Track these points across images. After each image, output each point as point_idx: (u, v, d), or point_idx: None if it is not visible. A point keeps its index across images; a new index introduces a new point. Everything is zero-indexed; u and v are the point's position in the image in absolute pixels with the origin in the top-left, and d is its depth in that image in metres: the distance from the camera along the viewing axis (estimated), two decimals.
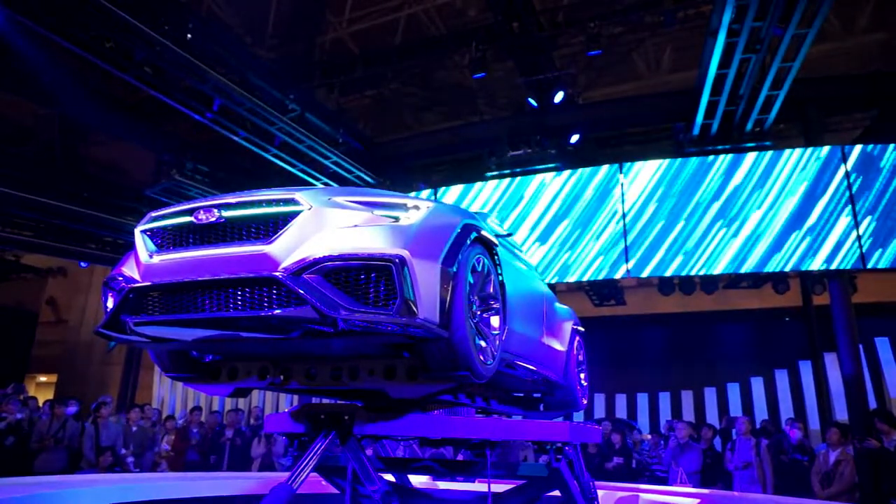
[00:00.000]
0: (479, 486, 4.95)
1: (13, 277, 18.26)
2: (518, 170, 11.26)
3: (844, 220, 9.20)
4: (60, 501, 4.63)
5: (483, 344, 2.70)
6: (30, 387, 18.96)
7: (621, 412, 14.13)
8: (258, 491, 5.47)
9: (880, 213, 9.11)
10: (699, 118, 9.49)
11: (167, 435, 9.34)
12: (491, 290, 2.88)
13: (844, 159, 9.41)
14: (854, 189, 9.26)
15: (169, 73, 8.72)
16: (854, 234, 9.08)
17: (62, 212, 11.87)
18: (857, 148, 9.53)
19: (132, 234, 2.71)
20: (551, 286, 7.07)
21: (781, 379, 13.12)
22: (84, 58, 8.02)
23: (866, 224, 9.11)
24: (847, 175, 9.33)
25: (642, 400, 14.37)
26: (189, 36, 8.54)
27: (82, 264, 15.44)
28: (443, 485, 5.29)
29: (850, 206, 9.21)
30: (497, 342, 2.84)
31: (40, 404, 10.06)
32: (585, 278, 10.53)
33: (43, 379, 19.92)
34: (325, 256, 2.26)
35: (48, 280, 19.35)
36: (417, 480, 4.79)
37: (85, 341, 17.62)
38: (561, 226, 10.62)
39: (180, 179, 11.39)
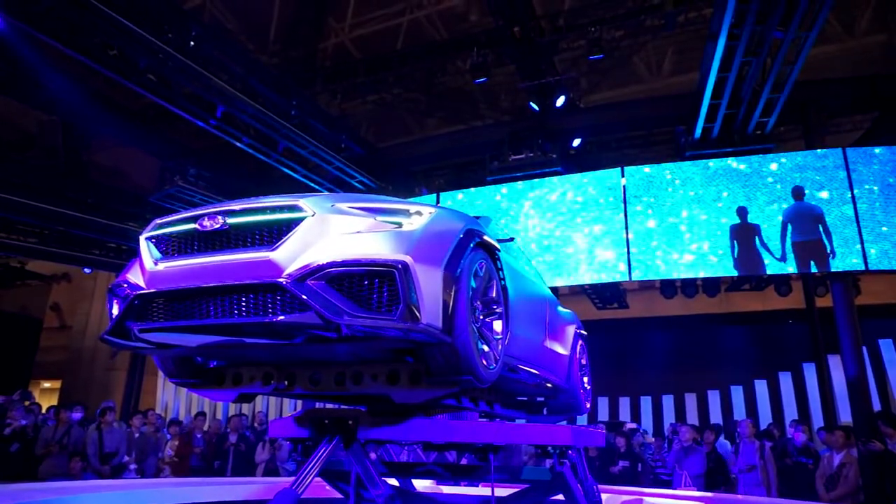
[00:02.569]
0: (482, 490, 4.95)
1: (18, 284, 18.33)
2: (520, 174, 11.28)
3: (847, 222, 9.19)
4: None
5: (486, 348, 2.72)
6: (34, 392, 19.00)
7: (625, 415, 14.12)
8: (262, 496, 5.48)
9: (883, 215, 9.11)
10: (700, 121, 9.51)
11: (171, 440, 9.36)
12: (493, 294, 2.89)
13: (846, 161, 9.41)
14: (856, 191, 9.27)
15: (172, 79, 8.78)
16: (857, 236, 9.08)
17: (66, 218, 11.92)
18: (859, 150, 9.53)
19: (136, 240, 2.73)
20: (553, 290, 7.09)
21: (785, 381, 13.09)
22: (88, 65, 8.08)
23: (869, 225, 9.10)
24: (849, 177, 9.33)
25: (646, 403, 14.35)
26: (192, 43, 8.60)
27: (86, 270, 15.51)
28: (447, 489, 5.29)
29: (852, 208, 9.21)
30: (500, 346, 2.85)
31: (44, 410, 10.08)
32: (587, 282, 10.54)
33: (47, 385, 19.99)
34: (328, 263, 2.28)
35: (52, 286, 19.42)
36: (421, 485, 4.80)
37: (89, 347, 17.66)
38: (563, 229, 10.64)
39: (183, 185, 11.45)
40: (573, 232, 10.57)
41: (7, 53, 8.43)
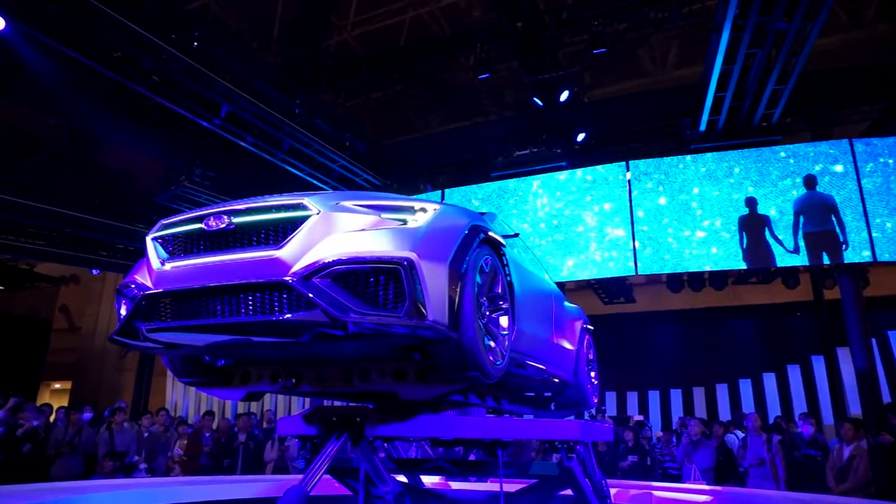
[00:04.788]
0: (491, 486, 4.96)
1: (27, 286, 18.47)
2: (524, 169, 11.27)
3: (854, 213, 9.13)
4: None
5: (492, 344, 2.72)
6: (45, 394, 19.18)
7: (633, 410, 14.10)
8: (272, 494, 5.51)
9: (890, 206, 9.05)
10: (705, 114, 9.47)
11: (179, 440, 9.40)
12: (499, 290, 2.89)
13: (853, 152, 9.36)
14: (870, 164, 9.22)
15: (176, 80, 8.80)
16: (874, 209, 9.03)
17: (74, 220, 11.99)
18: (866, 140, 9.48)
19: (143, 241, 2.75)
20: (559, 285, 7.05)
21: (794, 374, 13.04)
22: (92, 67, 8.12)
23: (885, 199, 9.04)
24: (856, 167, 9.28)
25: (653, 397, 14.33)
26: (195, 44, 8.61)
27: (94, 272, 15.59)
28: (455, 485, 5.30)
29: (869, 181, 9.15)
30: (506, 342, 2.85)
31: (55, 411, 10.15)
32: (594, 276, 10.52)
33: (57, 386, 20.13)
34: (334, 260, 2.28)
35: (61, 288, 19.55)
36: (430, 480, 4.81)
37: (98, 348, 17.78)
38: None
39: (189, 186, 11.48)
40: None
41: (12, 57, 8.47)
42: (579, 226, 10.54)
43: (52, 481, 7.30)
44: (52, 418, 9.56)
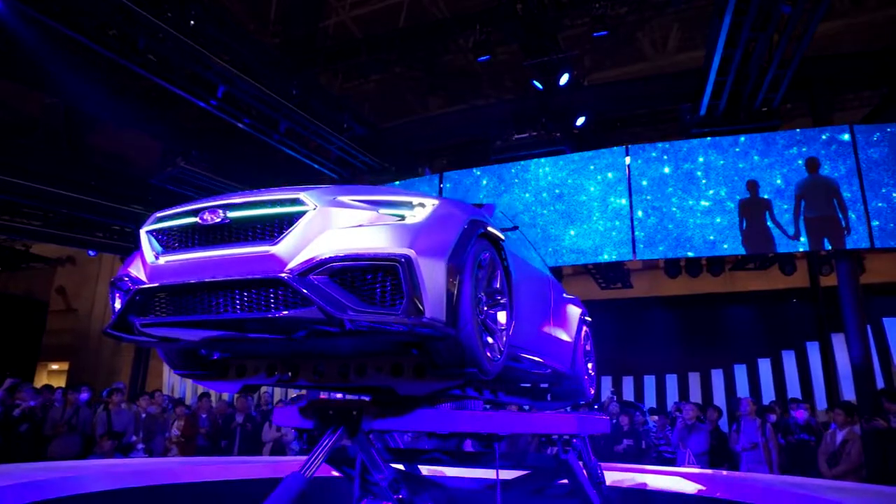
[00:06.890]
0: (487, 473, 4.98)
1: (23, 267, 18.41)
2: (523, 153, 11.20)
3: (872, 165, 9.10)
4: (75, 486, 4.70)
5: (490, 340, 2.70)
6: (42, 374, 19.21)
7: (628, 394, 14.19)
8: (269, 475, 5.55)
9: (889, 192, 9.03)
10: (706, 98, 9.41)
11: (177, 421, 9.45)
12: (497, 285, 2.87)
13: (853, 137, 9.31)
14: (876, 134, 9.18)
15: (173, 60, 8.70)
16: (882, 179, 9.01)
17: (70, 201, 11.92)
18: (866, 126, 9.43)
19: (139, 222, 2.72)
20: (557, 269, 7.04)
21: (789, 360, 13.12)
22: (88, 46, 8.01)
23: (891, 169, 9.03)
24: (855, 153, 9.24)
25: (649, 382, 14.42)
26: (192, 23, 8.49)
27: (90, 253, 15.53)
28: (451, 472, 5.33)
29: (877, 151, 9.12)
30: (504, 337, 2.83)
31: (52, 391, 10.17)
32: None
33: (55, 367, 20.15)
34: (331, 257, 2.25)
35: (57, 269, 19.48)
36: (425, 468, 4.83)
37: (95, 329, 17.78)
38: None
39: (186, 167, 11.39)
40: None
41: (7, 35, 8.35)
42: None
43: (49, 460, 7.33)
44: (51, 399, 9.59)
